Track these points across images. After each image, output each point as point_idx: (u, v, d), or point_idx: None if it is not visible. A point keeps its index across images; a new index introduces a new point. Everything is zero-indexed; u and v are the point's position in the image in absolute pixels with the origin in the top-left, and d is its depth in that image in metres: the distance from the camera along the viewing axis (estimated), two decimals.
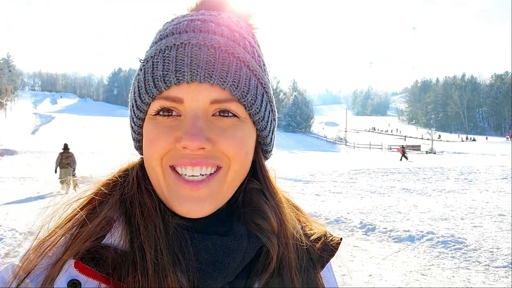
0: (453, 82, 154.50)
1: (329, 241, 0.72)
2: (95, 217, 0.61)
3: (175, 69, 0.58)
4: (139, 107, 0.64)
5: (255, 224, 0.64)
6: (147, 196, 0.62)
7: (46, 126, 68.43)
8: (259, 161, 0.71)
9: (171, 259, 0.57)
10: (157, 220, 0.59)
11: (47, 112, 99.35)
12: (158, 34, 0.66)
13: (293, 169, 20.33)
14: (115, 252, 0.57)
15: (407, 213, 9.58)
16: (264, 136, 0.69)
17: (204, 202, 0.59)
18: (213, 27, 0.62)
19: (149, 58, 0.63)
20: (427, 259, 6.20)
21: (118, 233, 0.60)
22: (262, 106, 0.65)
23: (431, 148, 59.16)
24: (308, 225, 0.75)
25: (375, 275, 5.47)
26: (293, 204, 0.76)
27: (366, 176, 17.50)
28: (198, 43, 0.60)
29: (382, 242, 7.13)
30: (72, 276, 0.55)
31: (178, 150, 0.58)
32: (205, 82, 0.58)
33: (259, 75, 0.66)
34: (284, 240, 0.66)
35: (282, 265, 0.64)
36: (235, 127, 0.61)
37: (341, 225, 8.18)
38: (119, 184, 0.66)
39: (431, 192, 12.99)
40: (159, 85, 0.59)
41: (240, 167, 0.62)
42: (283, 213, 0.68)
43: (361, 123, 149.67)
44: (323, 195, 12.20)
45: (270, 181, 0.71)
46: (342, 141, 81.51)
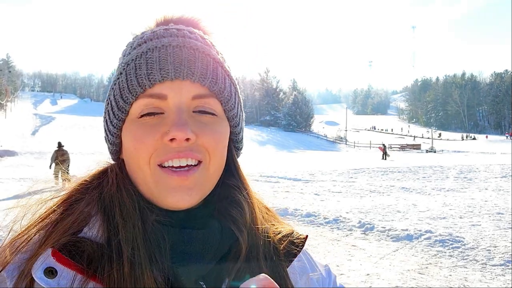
0: (453, 81, 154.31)
1: (295, 239, 0.76)
2: (71, 213, 0.63)
3: (159, 68, 0.63)
4: (120, 108, 0.66)
5: (230, 216, 0.69)
6: (127, 195, 0.64)
7: (46, 127, 68.44)
8: (233, 157, 0.75)
9: (148, 256, 0.59)
10: (135, 219, 0.62)
11: (47, 113, 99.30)
12: (135, 42, 0.70)
13: (293, 169, 20.35)
14: (92, 245, 0.59)
15: (406, 212, 9.60)
16: (237, 133, 0.75)
17: (192, 191, 0.62)
18: (188, 34, 0.69)
19: (130, 61, 0.67)
20: (424, 258, 6.22)
21: (96, 227, 0.62)
22: (235, 103, 0.72)
23: (431, 147, 59.13)
24: (275, 224, 0.78)
25: (372, 274, 5.50)
26: (263, 204, 0.80)
27: (365, 176, 17.53)
28: (178, 45, 0.65)
29: (380, 241, 7.15)
30: (48, 264, 0.56)
31: (164, 146, 0.61)
32: (187, 78, 0.63)
33: (231, 76, 0.72)
34: (254, 233, 0.70)
35: (251, 258, 0.68)
36: (214, 123, 0.66)
37: (340, 224, 8.21)
38: (96, 183, 0.68)
39: (430, 191, 13.02)
40: (143, 83, 0.63)
41: (220, 161, 0.67)
42: (255, 207, 0.73)
43: (362, 122, 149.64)
44: (322, 195, 12.23)
45: (243, 176, 0.76)
46: (342, 141, 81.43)
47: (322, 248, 6.71)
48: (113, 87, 0.69)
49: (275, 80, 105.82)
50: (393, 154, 42.05)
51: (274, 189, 13.19)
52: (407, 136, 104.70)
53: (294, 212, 9.02)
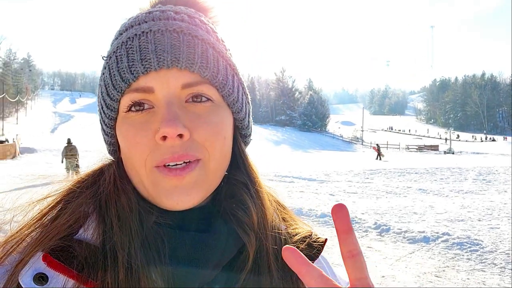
0: (473, 81, 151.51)
1: (314, 242, 0.69)
2: (65, 213, 0.59)
3: (140, 58, 0.56)
4: (109, 106, 0.61)
5: (236, 218, 0.62)
6: (124, 195, 0.60)
7: (65, 125, 69.65)
8: (239, 146, 0.68)
9: (146, 260, 0.55)
10: (132, 221, 0.57)
11: (66, 111, 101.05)
12: (118, 31, 0.64)
13: (308, 169, 20.27)
14: (87, 247, 0.55)
15: (423, 214, 9.46)
16: (241, 119, 0.67)
17: (190, 191, 0.57)
18: (172, 15, 0.61)
19: (111, 54, 0.61)
20: (441, 261, 6.12)
21: (92, 228, 0.58)
22: (234, 87, 0.64)
23: (449, 148, 58.22)
24: (292, 224, 0.72)
25: (388, 276, 5.43)
26: (277, 201, 0.73)
27: (382, 176, 17.33)
28: (160, 30, 0.58)
29: (396, 243, 7.06)
30: (38, 269, 0.53)
31: (158, 146, 0.56)
32: (173, 67, 0.56)
33: (226, 56, 0.64)
34: (263, 236, 0.63)
35: (261, 263, 0.62)
36: (210, 112, 0.59)
37: (355, 225, 8.13)
38: (92, 181, 0.63)
39: (448, 192, 12.80)
40: (126, 77, 0.57)
41: (220, 154, 0.60)
42: (265, 207, 0.66)
43: (378, 123, 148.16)
44: (337, 195, 12.13)
45: (252, 170, 0.68)
46: (358, 141, 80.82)
47: (337, 249, 6.62)
48: (100, 83, 0.64)
49: (291, 79, 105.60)
50: (404, 154, 41.47)
51: (289, 189, 13.14)
52: (424, 137, 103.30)
53: (308, 213, 8.97)
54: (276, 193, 0.74)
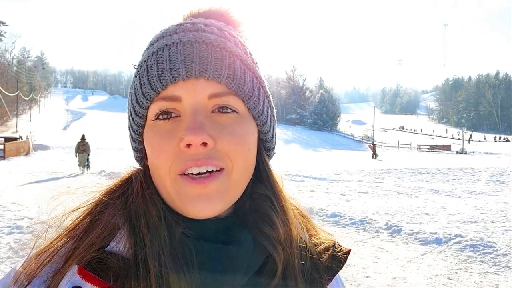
0: (486, 81, 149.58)
1: (337, 252, 0.70)
2: (97, 225, 0.61)
3: (169, 68, 0.58)
4: (138, 113, 0.63)
5: (262, 232, 0.63)
6: (152, 205, 0.61)
7: (77, 122, 70.39)
8: (262, 159, 0.68)
9: (176, 269, 0.56)
10: (162, 231, 0.58)
11: (78, 109, 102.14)
12: (150, 41, 0.67)
13: (318, 168, 20.21)
14: (119, 260, 0.57)
15: (435, 215, 9.36)
16: (265, 132, 0.68)
17: (213, 199, 0.58)
18: (202, 27, 0.63)
19: (142, 63, 0.63)
20: (454, 263, 6.04)
21: (124, 240, 0.59)
22: (260, 99, 0.65)
23: (461, 148, 57.57)
24: (315, 234, 0.72)
25: (399, 278, 5.38)
26: (300, 212, 0.74)
27: (393, 176, 17.21)
28: (189, 41, 0.60)
29: (408, 244, 6.99)
30: (75, 282, 0.55)
31: (182, 154, 0.57)
32: (200, 77, 0.58)
33: (253, 69, 0.65)
34: (289, 249, 0.64)
35: (287, 276, 0.62)
36: (235, 124, 0.60)
37: (366, 226, 8.08)
38: (121, 192, 0.65)
39: (460, 193, 12.65)
40: (156, 86, 0.59)
41: (243, 165, 0.61)
42: (290, 221, 0.66)
43: (390, 122, 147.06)
44: (348, 195, 12.07)
45: (276, 183, 0.69)
46: (369, 140, 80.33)
47: None
48: (130, 91, 0.66)
49: (302, 78, 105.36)
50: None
51: (299, 188, 13.11)
52: (436, 136, 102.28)
53: (319, 212, 8.93)
54: (299, 204, 0.75)
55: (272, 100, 0.71)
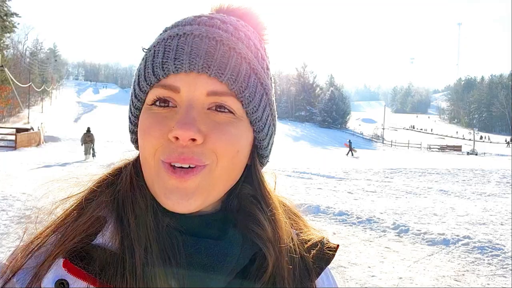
0: (500, 81, 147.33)
1: (325, 248, 0.69)
2: (83, 217, 0.60)
3: (174, 57, 0.58)
4: (137, 96, 0.64)
5: (251, 231, 0.63)
6: (139, 193, 0.61)
7: (88, 115, 70.93)
8: (254, 165, 0.68)
9: (162, 258, 0.56)
10: (148, 219, 0.58)
11: (89, 101, 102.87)
12: (165, 27, 0.67)
13: (327, 166, 20.14)
14: (105, 252, 0.56)
15: (443, 215, 9.29)
16: (261, 139, 0.66)
17: (191, 195, 0.57)
18: (218, 23, 0.62)
19: (151, 47, 0.63)
20: (461, 265, 6.00)
21: (110, 232, 0.59)
22: (260, 106, 0.64)
23: (472, 149, 56.99)
24: (305, 231, 0.72)
25: (405, 278, 5.35)
26: (291, 210, 0.73)
27: (402, 176, 17.10)
28: (200, 34, 0.60)
29: (415, 245, 6.95)
30: (60, 275, 0.54)
31: (169, 144, 0.57)
32: (203, 72, 0.57)
33: (260, 74, 0.64)
34: (277, 248, 0.63)
35: (276, 274, 0.62)
36: (229, 123, 0.59)
37: (373, 225, 8.04)
38: (111, 181, 0.65)
39: (470, 195, 12.54)
40: (158, 73, 0.59)
41: (229, 164, 0.60)
42: (278, 220, 0.66)
43: (400, 121, 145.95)
44: (356, 193, 12.02)
45: (265, 186, 0.69)
46: (379, 139, 79.86)
47: (354, 248, 6.59)
48: (135, 72, 0.66)
49: (312, 75, 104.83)
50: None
51: (307, 185, 13.08)
52: (447, 136, 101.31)
53: (326, 210, 8.91)
54: (291, 202, 0.74)
55: (275, 109, 0.70)
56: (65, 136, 36.14)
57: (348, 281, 5.14)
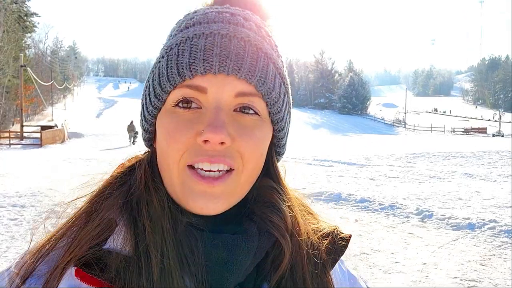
0: None
1: (338, 238, 0.69)
2: (93, 220, 0.59)
3: (203, 58, 0.57)
4: (157, 95, 0.61)
5: (269, 221, 0.63)
6: (155, 194, 0.59)
7: (109, 110, 72.06)
8: (272, 162, 0.69)
9: (179, 261, 0.55)
10: (164, 221, 0.57)
11: (110, 97, 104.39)
12: (183, 22, 0.64)
13: (347, 153, 19.97)
14: (117, 257, 0.55)
15: (468, 199, 9.12)
16: (280, 138, 0.68)
17: (218, 199, 0.57)
18: (242, 21, 0.61)
19: (173, 45, 0.61)
20: (487, 249, 5.89)
21: (121, 236, 0.57)
22: (283, 106, 0.64)
23: (498, 130, 55.50)
24: (316, 222, 0.72)
25: (429, 264, 5.29)
26: (303, 203, 0.73)
27: (425, 160, 16.81)
28: (228, 34, 0.58)
29: (439, 230, 6.86)
30: (73, 285, 0.53)
31: (197, 147, 0.56)
32: (232, 74, 0.57)
33: (283, 74, 0.65)
34: (296, 238, 0.64)
35: (294, 264, 0.62)
36: (255, 127, 0.59)
37: (396, 211, 7.96)
38: (122, 182, 0.63)
39: (496, 177, 12.25)
40: (184, 73, 0.57)
41: (254, 169, 0.61)
42: (295, 210, 0.66)
43: (422, 104, 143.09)
44: (378, 180, 11.90)
45: (281, 180, 0.70)
46: (401, 124, 78.57)
47: (377, 234, 6.55)
48: (153, 70, 0.64)
49: (330, 61, 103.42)
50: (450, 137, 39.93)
51: (328, 173, 13.02)
52: (471, 118, 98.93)
53: (347, 197, 8.86)
54: (300, 194, 0.74)
55: (292, 105, 0.70)
56: (88, 132, 36.85)
57: (372, 267, 5.12)
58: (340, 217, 7.43)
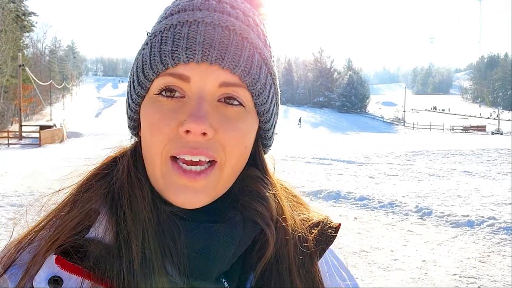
0: None
1: (327, 227, 0.67)
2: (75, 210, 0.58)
3: (185, 46, 0.55)
4: (140, 83, 0.60)
5: (254, 210, 0.62)
6: (137, 185, 0.59)
7: (108, 110, 72.02)
8: (259, 154, 0.68)
9: (160, 250, 0.55)
10: (146, 211, 0.57)
11: (109, 96, 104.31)
12: (169, 9, 0.63)
13: (347, 151, 19.97)
14: (99, 245, 0.54)
15: (467, 197, 9.13)
16: (266, 129, 0.66)
17: (200, 194, 0.56)
18: (228, 9, 0.60)
19: (157, 33, 0.60)
20: (486, 246, 5.90)
21: (103, 225, 0.57)
22: (269, 97, 0.63)
23: (497, 128, 55.58)
24: (305, 212, 0.70)
25: (429, 261, 5.30)
26: (292, 193, 0.72)
27: (425, 158, 16.82)
28: (212, 22, 0.57)
29: (438, 227, 6.87)
30: (53, 272, 0.53)
31: (179, 138, 0.55)
32: (216, 63, 0.55)
33: (270, 64, 0.63)
34: (281, 227, 0.63)
35: (280, 254, 0.62)
36: (239, 118, 0.58)
37: (395, 208, 7.97)
38: (104, 174, 0.63)
39: (495, 175, 12.27)
40: (166, 61, 0.56)
41: (238, 161, 0.60)
42: (281, 200, 0.65)
43: (421, 103, 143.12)
44: (377, 178, 11.90)
45: (268, 170, 0.69)
46: (400, 122, 78.64)
47: (376, 232, 6.55)
48: (137, 57, 0.63)
49: (329, 60, 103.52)
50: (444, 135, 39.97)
51: (327, 171, 13.02)
52: (470, 117, 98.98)
53: (347, 196, 8.87)
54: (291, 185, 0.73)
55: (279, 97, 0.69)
56: (87, 131, 36.80)
57: (371, 265, 5.13)
58: (340, 215, 7.44)
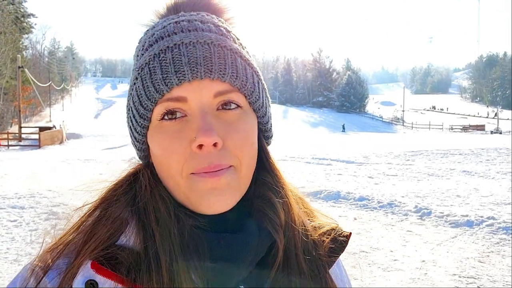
0: None
1: (339, 236, 0.70)
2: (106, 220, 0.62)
3: (174, 70, 0.59)
4: (142, 115, 0.64)
5: (266, 216, 0.65)
6: (161, 201, 0.62)
7: (107, 111, 72.01)
8: (263, 147, 0.71)
9: (187, 264, 0.58)
10: (171, 226, 0.60)
11: (108, 97, 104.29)
12: (146, 41, 0.66)
13: (346, 151, 19.99)
14: (130, 254, 0.58)
15: (467, 197, 9.15)
16: (265, 122, 0.70)
17: (225, 192, 0.59)
18: (200, 25, 0.64)
19: (143, 65, 0.63)
20: (486, 246, 5.92)
21: (133, 235, 0.60)
22: (260, 93, 0.67)
23: (496, 127, 55.64)
24: (314, 218, 0.73)
25: (428, 261, 5.32)
26: (300, 197, 0.75)
27: (424, 158, 16.83)
28: (191, 42, 0.61)
29: (437, 227, 6.89)
30: (89, 276, 0.57)
31: (194, 155, 0.58)
32: (205, 77, 0.59)
33: (251, 63, 0.67)
34: (291, 233, 0.65)
35: (289, 259, 0.64)
36: (239, 120, 0.62)
37: (395, 209, 7.99)
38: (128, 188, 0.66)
39: (494, 174, 12.28)
40: (160, 88, 0.60)
41: (249, 159, 0.63)
42: (291, 206, 0.68)
43: (420, 102, 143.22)
44: (376, 178, 11.92)
45: (276, 169, 0.71)
46: (399, 121, 78.71)
47: (375, 232, 6.57)
48: (131, 92, 0.66)
49: (328, 60, 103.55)
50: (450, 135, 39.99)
51: (326, 171, 13.04)
52: (470, 116, 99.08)
53: (346, 196, 8.89)
54: (297, 189, 0.76)
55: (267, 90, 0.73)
56: (87, 132, 36.81)
57: (371, 265, 5.14)
58: (339, 216, 7.45)
